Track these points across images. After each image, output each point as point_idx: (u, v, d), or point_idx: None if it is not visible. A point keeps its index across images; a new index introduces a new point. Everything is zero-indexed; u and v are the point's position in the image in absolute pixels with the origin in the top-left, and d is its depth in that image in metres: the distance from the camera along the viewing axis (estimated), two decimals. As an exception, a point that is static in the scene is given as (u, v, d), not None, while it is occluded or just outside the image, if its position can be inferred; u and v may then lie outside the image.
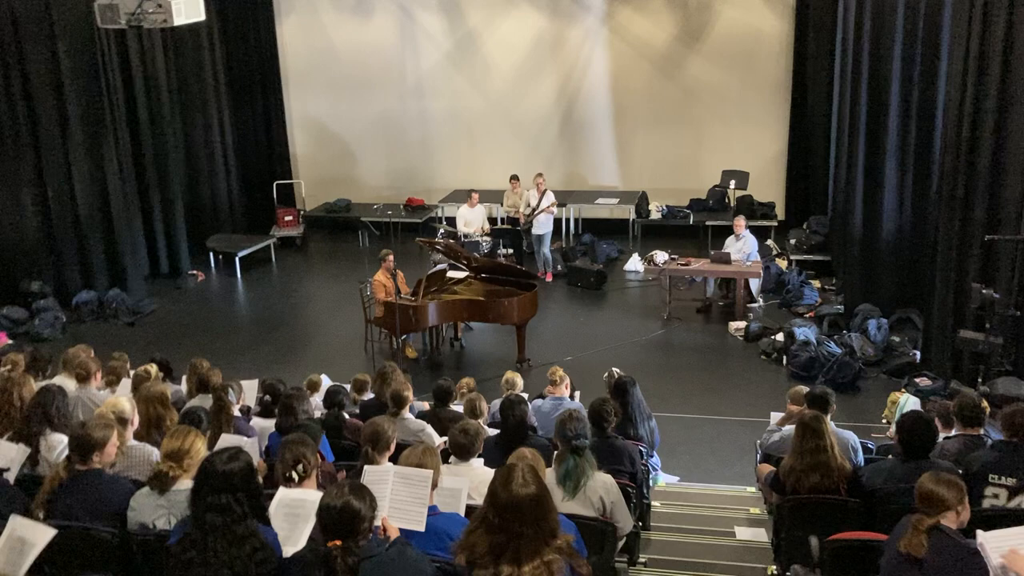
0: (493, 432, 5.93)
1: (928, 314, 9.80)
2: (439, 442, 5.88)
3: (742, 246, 12.21)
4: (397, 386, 6.42)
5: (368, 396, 7.50)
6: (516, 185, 14.20)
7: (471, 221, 13.58)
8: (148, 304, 13.10)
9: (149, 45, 14.00)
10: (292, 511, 3.85)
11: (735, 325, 11.60)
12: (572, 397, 7.26)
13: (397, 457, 4.24)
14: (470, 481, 4.32)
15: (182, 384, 7.36)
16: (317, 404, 7.13)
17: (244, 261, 14.72)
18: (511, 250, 13.70)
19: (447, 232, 13.88)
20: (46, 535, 3.46)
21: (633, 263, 14.14)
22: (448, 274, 11.20)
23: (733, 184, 15.08)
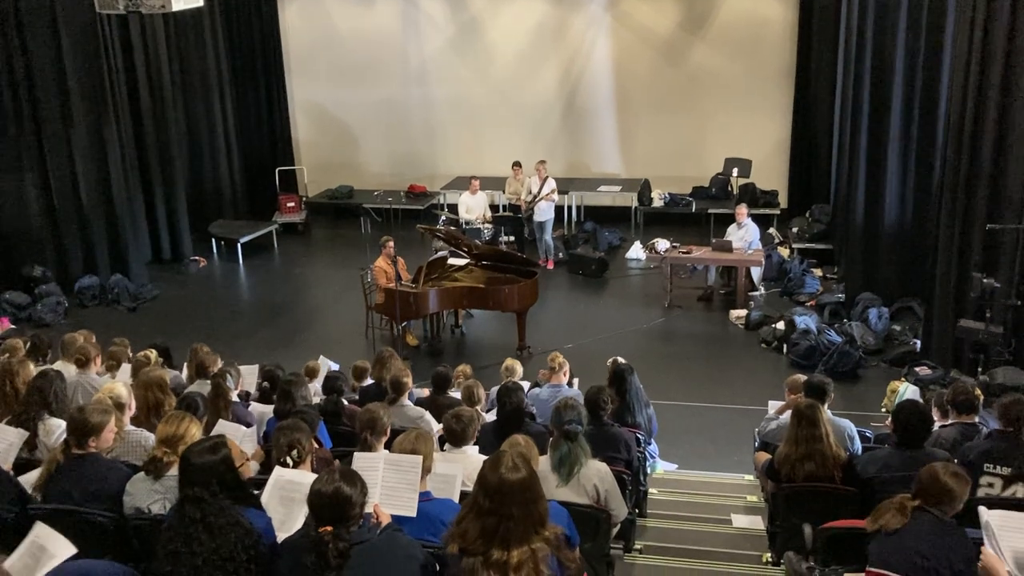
0: (491, 419, 5.94)
1: (929, 303, 9.79)
2: (437, 428, 5.88)
3: (744, 234, 12.19)
4: (396, 372, 6.44)
5: (367, 382, 7.51)
6: (518, 172, 14.17)
7: (472, 208, 13.57)
8: (150, 290, 13.13)
9: (151, 31, 13.98)
10: (288, 494, 3.86)
11: (736, 313, 11.60)
12: (571, 384, 7.26)
13: (392, 443, 4.25)
14: (464, 468, 4.33)
15: (183, 370, 7.38)
16: (316, 390, 7.15)
17: (246, 247, 14.73)
18: (512, 237, 13.70)
19: (448, 219, 13.87)
20: (67, 550, 3.42)
21: (635, 251, 14.13)
22: (449, 261, 11.21)
23: (736, 172, 15.03)
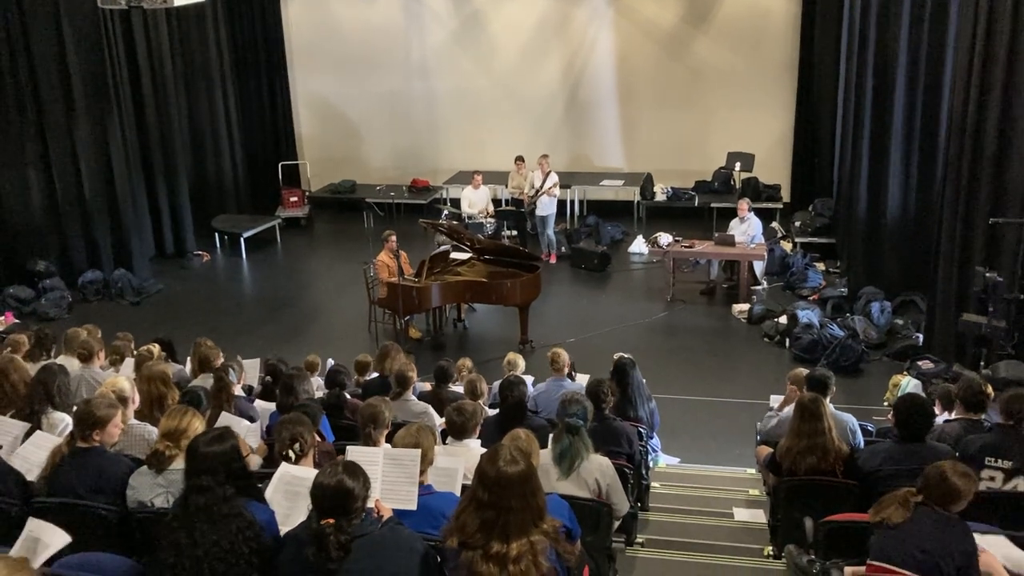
0: (493, 412, 5.96)
1: (931, 297, 9.77)
2: (440, 423, 5.89)
3: (746, 228, 12.18)
4: (401, 367, 6.43)
5: (370, 376, 7.52)
6: (521, 166, 14.17)
7: (475, 202, 13.57)
8: (153, 284, 13.16)
9: (153, 25, 13.98)
10: (292, 488, 3.87)
11: (738, 307, 11.60)
12: (572, 378, 7.27)
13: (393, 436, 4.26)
14: (466, 461, 4.33)
15: (186, 364, 7.40)
16: (319, 384, 7.16)
17: (249, 242, 14.75)
18: (515, 231, 13.70)
19: (451, 214, 13.87)
20: (61, 539, 3.47)
21: (637, 245, 14.13)
22: (451, 255, 11.21)
23: (738, 166, 15.01)
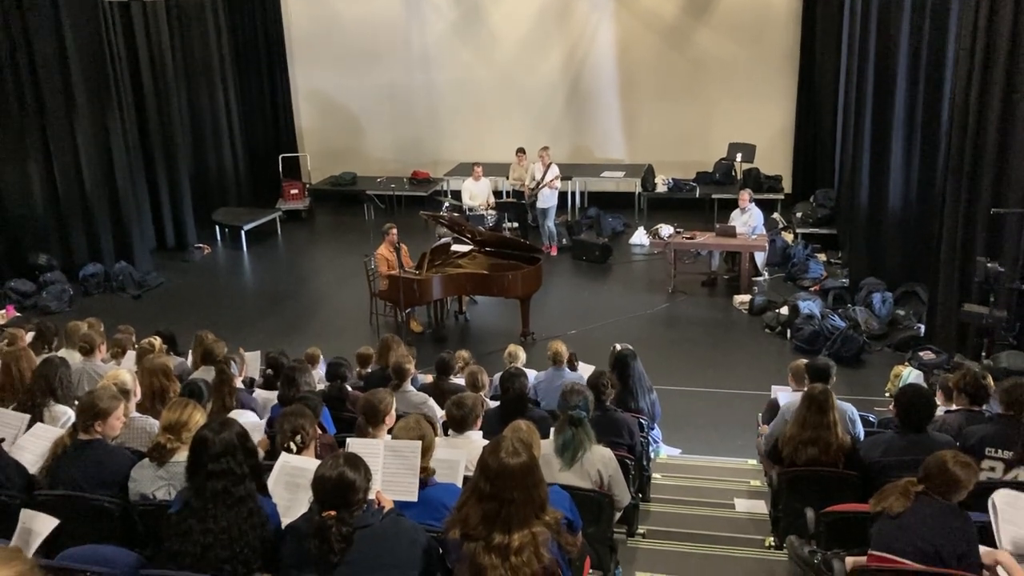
0: (494, 404, 5.96)
1: (933, 288, 9.76)
2: (440, 414, 5.90)
3: (747, 219, 12.17)
4: (398, 359, 6.45)
5: (372, 368, 7.53)
6: (522, 158, 14.15)
7: (476, 194, 13.56)
8: (154, 277, 13.17)
9: (154, 18, 13.96)
10: (293, 479, 3.88)
11: (740, 298, 11.59)
12: (574, 368, 7.27)
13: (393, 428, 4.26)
14: (468, 453, 4.34)
15: (188, 357, 7.41)
16: (320, 377, 7.17)
17: (250, 234, 14.75)
18: (516, 224, 13.69)
19: (452, 206, 13.86)
20: (49, 524, 3.54)
21: (638, 236, 14.12)
22: (452, 247, 11.20)
23: (740, 157, 15.00)
